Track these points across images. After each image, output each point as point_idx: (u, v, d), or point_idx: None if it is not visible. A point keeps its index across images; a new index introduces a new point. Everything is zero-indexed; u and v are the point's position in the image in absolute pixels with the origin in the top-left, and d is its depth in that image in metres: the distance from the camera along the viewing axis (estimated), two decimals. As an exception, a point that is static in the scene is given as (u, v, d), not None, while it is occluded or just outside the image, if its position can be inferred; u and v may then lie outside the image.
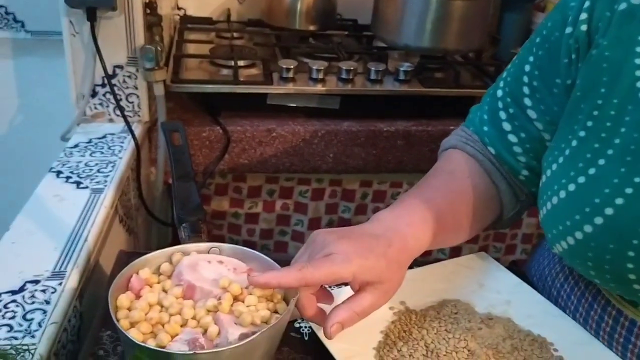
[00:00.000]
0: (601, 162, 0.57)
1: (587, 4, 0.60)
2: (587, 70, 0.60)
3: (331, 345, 0.61)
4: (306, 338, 0.66)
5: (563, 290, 0.70)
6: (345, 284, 0.63)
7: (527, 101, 0.69)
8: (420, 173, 1.21)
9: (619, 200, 0.55)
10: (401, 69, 1.17)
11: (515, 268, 0.78)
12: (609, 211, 0.55)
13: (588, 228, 0.57)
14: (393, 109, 1.19)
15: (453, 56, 1.30)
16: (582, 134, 0.60)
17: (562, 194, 0.60)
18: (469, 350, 0.61)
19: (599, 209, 0.56)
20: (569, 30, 0.62)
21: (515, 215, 0.76)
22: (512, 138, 0.71)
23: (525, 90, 0.69)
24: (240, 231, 1.25)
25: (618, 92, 0.57)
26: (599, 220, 0.56)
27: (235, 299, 0.57)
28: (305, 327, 0.67)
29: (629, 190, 0.54)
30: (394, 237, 0.60)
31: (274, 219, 1.25)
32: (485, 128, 0.73)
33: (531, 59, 0.68)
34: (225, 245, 0.63)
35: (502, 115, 0.72)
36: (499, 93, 0.73)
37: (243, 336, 0.52)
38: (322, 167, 1.18)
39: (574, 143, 0.60)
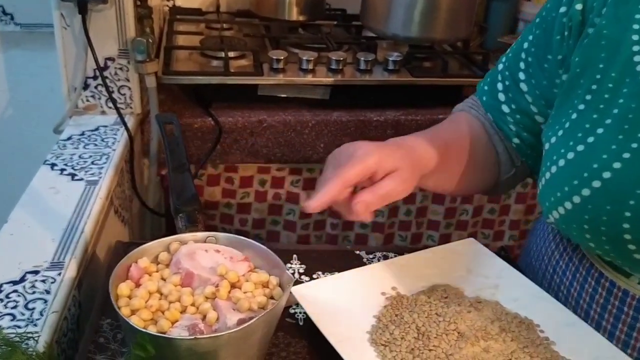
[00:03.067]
0: (599, 131, 0.60)
1: None
2: (585, 48, 0.64)
3: (325, 329, 0.63)
4: (301, 323, 0.67)
5: (559, 267, 0.72)
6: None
7: (521, 75, 0.75)
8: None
9: (617, 165, 0.58)
10: (390, 58, 1.19)
11: (503, 253, 0.81)
12: (606, 175, 0.58)
13: (586, 192, 0.60)
14: (382, 99, 1.20)
15: (441, 45, 1.32)
16: (581, 107, 0.63)
17: (561, 162, 0.63)
18: (458, 333, 0.63)
19: (597, 173, 0.59)
20: (563, 9, 0.68)
21: (511, 179, 0.80)
22: (505, 108, 0.77)
23: (521, 65, 0.75)
24: (233, 221, 1.27)
25: (616, 66, 0.60)
26: (596, 183, 0.59)
27: (233, 286, 0.59)
28: (300, 312, 0.69)
29: (626, 155, 0.58)
30: (403, 143, 0.68)
31: (266, 209, 1.26)
32: (485, 98, 0.80)
33: (530, 37, 0.74)
34: (221, 235, 0.64)
35: (499, 86, 0.78)
36: (500, 67, 0.79)
37: (241, 321, 0.54)
38: (313, 156, 1.19)
39: (574, 116, 0.64)
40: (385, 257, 0.80)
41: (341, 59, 1.16)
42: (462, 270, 0.76)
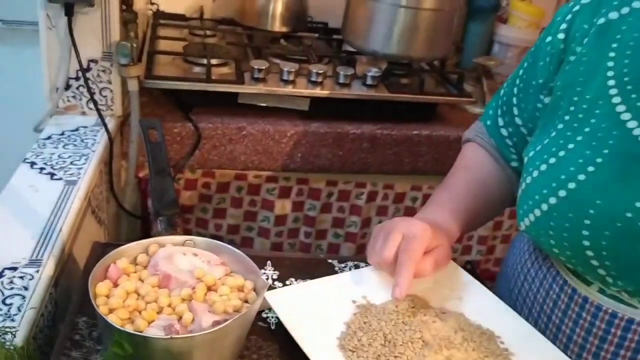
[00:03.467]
0: (570, 146, 0.66)
1: (568, 17, 0.72)
2: (567, 73, 0.70)
3: (296, 333, 0.65)
4: (273, 327, 0.70)
5: (529, 275, 0.77)
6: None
7: (514, 100, 0.81)
8: (383, 174, 1.28)
9: (581, 177, 0.63)
10: (369, 74, 1.22)
11: (469, 267, 0.84)
12: (571, 185, 0.63)
13: (553, 200, 0.65)
14: (360, 112, 1.24)
15: (419, 63, 1.36)
16: (560, 126, 0.69)
17: (535, 173, 0.68)
18: (423, 341, 0.66)
19: (563, 183, 0.64)
20: (549, 39, 0.74)
21: None
22: (504, 132, 0.83)
23: (515, 90, 0.81)
24: (208, 226, 1.28)
25: (591, 89, 0.66)
26: (562, 193, 0.64)
27: (209, 289, 0.61)
28: (273, 317, 0.71)
29: (590, 169, 0.63)
30: (436, 222, 0.76)
31: (241, 215, 1.28)
32: (488, 122, 0.86)
33: (525, 64, 0.80)
34: (199, 239, 0.66)
35: (499, 111, 0.84)
36: (501, 92, 0.86)
37: (216, 323, 0.56)
38: (290, 165, 1.22)
39: (553, 134, 0.69)
40: (357, 267, 0.82)
41: (321, 71, 1.19)
42: (429, 282, 0.79)
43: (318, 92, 1.19)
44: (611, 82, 0.65)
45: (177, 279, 0.61)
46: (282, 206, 1.29)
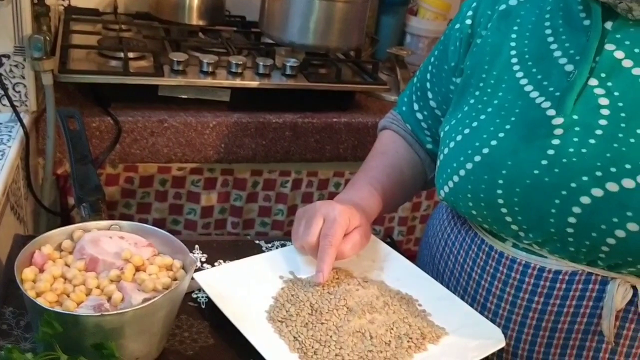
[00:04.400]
0: (482, 117, 0.73)
1: (474, 4, 0.82)
2: (474, 55, 0.79)
3: (226, 309, 0.68)
4: (203, 306, 0.72)
5: (450, 240, 0.82)
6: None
7: (428, 84, 0.89)
8: (306, 162, 1.32)
9: (493, 142, 0.70)
10: (287, 64, 1.26)
11: (389, 241, 0.89)
12: (485, 150, 0.70)
13: (469, 165, 0.71)
14: (281, 102, 1.27)
15: (335, 54, 1.41)
16: (471, 101, 0.76)
17: (452, 144, 0.75)
18: (347, 308, 0.70)
19: (478, 149, 0.71)
20: (457, 25, 0.83)
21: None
22: (419, 116, 0.91)
23: (428, 76, 0.89)
24: (132, 221, 1.27)
25: (497, 67, 0.75)
26: (477, 158, 0.71)
27: (137, 269, 0.62)
28: (203, 297, 0.73)
29: (501, 135, 0.70)
30: (357, 203, 0.81)
31: (167, 209, 1.28)
32: (404, 108, 0.94)
33: (436, 52, 0.88)
34: (125, 223, 0.67)
35: (414, 97, 0.92)
36: (414, 80, 0.93)
37: (146, 300, 0.58)
38: (214, 156, 1.23)
39: (465, 109, 0.76)
40: (284, 246, 0.85)
41: (241, 62, 1.22)
42: (352, 256, 0.83)
43: (238, 82, 1.21)
44: (514, 60, 0.74)
45: (105, 262, 0.62)
46: (207, 198, 1.29)
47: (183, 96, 1.21)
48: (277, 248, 0.85)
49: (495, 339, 0.70)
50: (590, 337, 0.69)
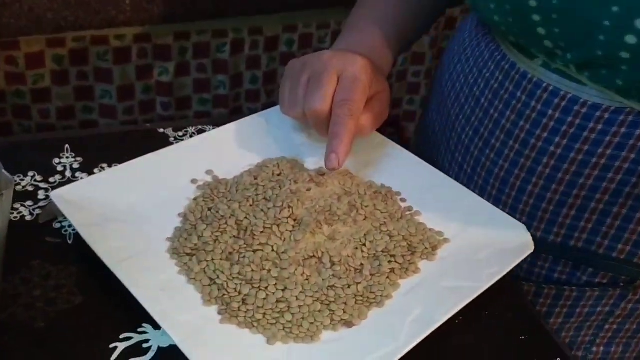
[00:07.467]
0: None
1: None
2: None
3: (99, 246, 0.43)
4: (70, 242, 0.46)
5: (464, 56, 0.63)
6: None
7: None
8: (246, 17, 1.03)
9: None
10: None
11: (392, 130, 0.64)
12: None
13: None
14: None
15: None
16: None
17: None
18: (294, 220, 0.46)
19: None
20: None
21: None
22: None
23: None
24: (31, 113, 0.99)
25: None
26: None
27: None
28: (69, 227, 0.47)
29: None
30: (370, 54, 0.58)
31: (72, 94, 1.00)
32: None
33: None
34: None
35: None
36: None
37: None
38: (119, 18, 0.94)
39: None
40: (202, 132, 0.59)
41: None
42: (302, 136, 0.57)
43: None
44: None
45: None
46: (122, 74, 1.01)
47: None
48: (190, 137, 0.59)
49: (519, 243, 0.47)
50: (620, 202, 0.50)
